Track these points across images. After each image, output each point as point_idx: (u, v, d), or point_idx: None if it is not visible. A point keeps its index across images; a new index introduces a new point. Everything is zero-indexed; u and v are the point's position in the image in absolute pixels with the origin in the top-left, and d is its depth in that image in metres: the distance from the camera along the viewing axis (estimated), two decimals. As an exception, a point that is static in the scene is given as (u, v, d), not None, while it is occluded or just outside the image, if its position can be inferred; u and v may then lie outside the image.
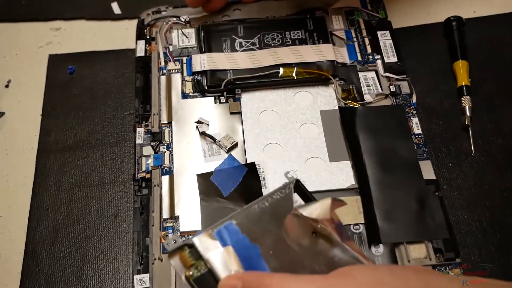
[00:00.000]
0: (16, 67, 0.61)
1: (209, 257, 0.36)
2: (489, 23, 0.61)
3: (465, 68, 0.56)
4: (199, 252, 0.37)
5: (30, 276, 0.48)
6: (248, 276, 0.36)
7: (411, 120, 0.54)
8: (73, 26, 0.63)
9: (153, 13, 0.62)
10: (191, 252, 0.37)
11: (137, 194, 0.50)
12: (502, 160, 0.52)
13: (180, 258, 0.37)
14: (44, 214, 0.51)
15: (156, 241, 0.48)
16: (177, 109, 0.55)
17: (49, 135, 0.56)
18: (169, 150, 0.52)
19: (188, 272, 0.37)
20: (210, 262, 0.36)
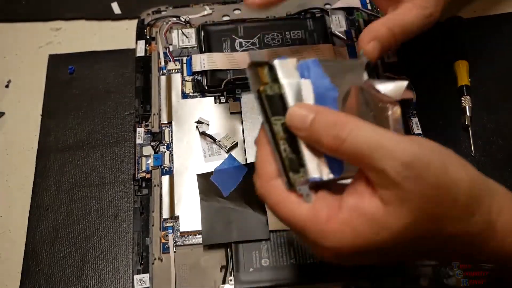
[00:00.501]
0: (16, 67, 0.61)
1: (285, 83, 0.35)
2: (489, 23, 0.61)
3: (465, 68, 0.56)
4: (277, 75, 0.36)
5: (30, 276, 0.48)
6: (323, 111, 0.35)
7: (411, 120, 0.54)
8: (73, 26, 0.63)
9: (153, 13, 0.62)
10: (269, 73, 0.36)
11: (137, 194, 0.50)
12: (502, 160, 0.52)
13: (259, 72, 0.36)
14: (44, 214, 0.51)
15: (156, 241, 0.48)
16: (177, 109, 0.55)
17: (49, 135, 0.56)
18: (169, 150, 0.52)
19: (262, 87, 0.36)
20: (285, 88, 0.35)
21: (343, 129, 0.33)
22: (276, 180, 0.35)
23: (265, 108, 0.36)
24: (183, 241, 0.48)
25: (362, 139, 0.33)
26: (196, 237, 0.48)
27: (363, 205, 0.33)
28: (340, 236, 0.33)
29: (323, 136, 0.34)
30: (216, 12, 0.62)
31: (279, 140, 0.35)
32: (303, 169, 0.35)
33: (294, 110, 0.35)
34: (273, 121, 0.35)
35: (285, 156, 0.35)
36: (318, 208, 0.34)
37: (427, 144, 0.34)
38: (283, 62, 0.36)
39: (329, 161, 0.35)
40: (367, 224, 0.33)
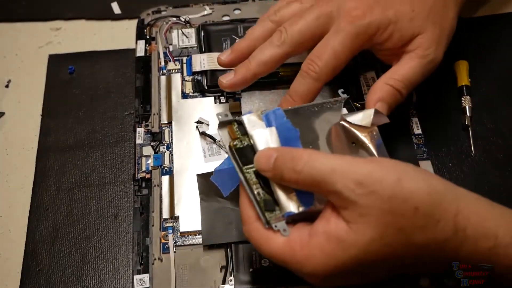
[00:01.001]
0: (16, 67, 0.61)
1: (254, 134, 0.40)
2: (489, 23, 0.61)
3: (465, 68, 0.56)
4: (246, 129, 0.40)
5: (30, 276, 0.48)
6: (283, 149, 0.39)
7: (411, 120, 0.54)
8: (73, 26, 0.63)
9: (153, 13, 0.62)
10: (239, 127, 0.41)
11: (137, 194, 0.50)
12: (502, 160, 0.52)
13: (228, 130, 0.41)
14: (44, 214, 0.51)
15: (156, 241, 0.48)
16: (177, 109, 0.55)
17: (49, 135, 0.56)
18: (169, 150, 0.52)
19: (232, 142, 0.41)
20: (254, 138, 0.40)
21: (299, 162, 0.37)
22: (256, 223, 0.39)
23: (237, 160, 0.40)
24: (183, 241, 0.48)
25: (316, 168, 0.36)
26: (196, 237, 0.48)
27: (330, 228, 0.36)
28: (314, 261, 0.36)
29: (284, 172, 0.37)
30: (216, 12, 0.62)
31: (252, 185, 0.39)
32: (278, 207, 0.39)
33: (259, 153, 0.39)
34: (245, 171, 0.40)
35: (259, 199, 0.39)
36: (292, 240, 0.37)
37: (382, 163, 0.37)
38: (250, 117, 0.41)
39: (299, 196, 0.38)
40: (334, 244, 0.35)
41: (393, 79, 0.46)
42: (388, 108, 0.46)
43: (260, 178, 0.39)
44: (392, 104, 0.46)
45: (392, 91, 0.46)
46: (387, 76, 0.47)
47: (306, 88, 0.46)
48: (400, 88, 0.46)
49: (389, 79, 0.46)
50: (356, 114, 0.44)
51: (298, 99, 0.46)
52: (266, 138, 0.40)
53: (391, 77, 0.46)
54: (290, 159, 0.37)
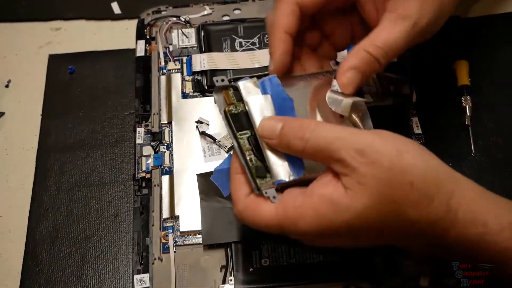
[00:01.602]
0: (16, 67, 0.61)
1: (249, 100, 0.40)
2: (489, 23, 0.61)
3: (465, 68, 0.56)
4: (241, 95, 0.40)
5: (30, 276, 0.48)
6: (289, 119, 0.39)
7: (411, 120, 0.54)
8: (73, 26, 0.63)
9: (153, 13, 0.62)
10: (234, 93, 0.41)
11: (137, 194, 0.50)
12: (502, 160, 0.52)
13: (224, 95, 0.41)
14: (44, 214, 0.51)
15: (156, 241, 0.48)
16: (177, 109, 0.55)
17: (49, 135, 0.56)
18: (169, 150, 0.52)
19: (227, 108, 0.41)
20: (248, 104, 0.40)
21: (306, 130, 0.37)
22: (247, 199, 0.39)
23: (231, 125, 0.40)
24: (183, 241, 0.48)
25: (322, 136, 0.37)
26: (196, 237, 0.48)
27: (327, 191, 0.37)
28: (306, 219, 0.36)
29: (290, 140, 0.38)
30: (216, 12, 0.62)
31: (245, 151, 0.40)
32: (269, 174, 0.39)
33: (264, 121, 0.39)
34: (239, 136, 0.40)
35: (251, 165, 0.40)
36: (285, 201, 0.38)
37: (384, 135, 0.37)
38: (246, 83, 0.41)
39: (290, 165, 0.39)
40: (329, 207, 0.36)
41: (374, 46, 0.41)
42: (362, 78, 0.42)
43: (253, 145, 0.40)
44: (368, 73, 0.42)
45: (369, 59, 0.41)
46: (367, 41, 0.42)
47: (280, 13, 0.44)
48: (379, 56, 0.41)
49: (369, 45, 0.42)
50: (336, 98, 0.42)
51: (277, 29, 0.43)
52: (261, 105, 0.40)
53: (372, 42, 0.42)
54: (298, 128, 0.37)
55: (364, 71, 0.42)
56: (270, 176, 0.39)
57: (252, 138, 0.40)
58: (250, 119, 0.40)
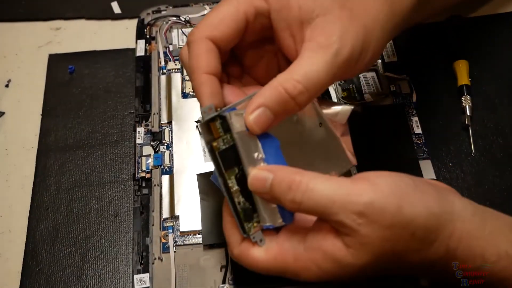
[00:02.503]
0: (16, 67, 0.61)
1: (237, 137, 0.37)
2: (489, 23, 0.61)
3: (465, 68, 0.56)
4: (229, 126, 0.37)
5: (30, 276, 0.48)
6: (279, 170, 0.37)
7: (411, 120, 0.54)
8: (73, 26, 0.63)
9: (153, 13, 0.62)
10: (221, 124, 0.37)
11: (137, 193, 0.50)
12: (502, 160, 0.52)
13: (211, 127, 0.37)
14: (44, 214, 0.51)
15: (156, 240, 0.48)
16: (177, 109, 0.55)
17: (49, 135, 0.56)
18: (169, 149, 0.52)
19: (215, 143, 0.37)
20: (236, 140, 0.37)
21: (297, 192, 0.35)
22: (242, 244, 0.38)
23: (218, 163, 0.37)
24: (183, 241, 0.48)
25: (315, 200, 0.35)
26: (196, 237, 0.48)
27: (327, 245, 0.36)
28: (309, 273, 0.36)
29: (282, 201, 0.36)
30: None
31: (233, 193, 0.38)
32: (256, 214, 0.38)
33: (253, 176, 0.37)
34: (227, 176, 0.37)
35: (240, 209, 0.38)
36: (285, 251, 0.37)
37: (382, 184, 0.36)
38: (232, 114, 0.37)
39: (280, 210, 0.37)
40: (330, 263, 0.36)
41: (292, 81, 0.36)
42: (274, 119, 0.36)
43: (241, 185, 0.37)
44: (281, 114, 0.37)
45: (284, 98, 0.36)
46: (285, 75, 0.37)
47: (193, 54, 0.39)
48: (297, 94, 0.36)
49: (286, 80, 0.36)
50: (333, 107, 0.42)
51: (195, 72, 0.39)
52: (249, 142, 0.37)
53: (290, 76, 0.36)
54: (287, 189, 0.36)
55: (276, 112, 0.36)
56: (258, 218, 0.38)
57: (240, 177, 0.37)
58: (239, 155, 0.37)
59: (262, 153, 0.37)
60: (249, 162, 0.37)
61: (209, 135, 0.37)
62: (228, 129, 0.37)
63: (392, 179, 0.36)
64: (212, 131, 0.37)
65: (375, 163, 0.49)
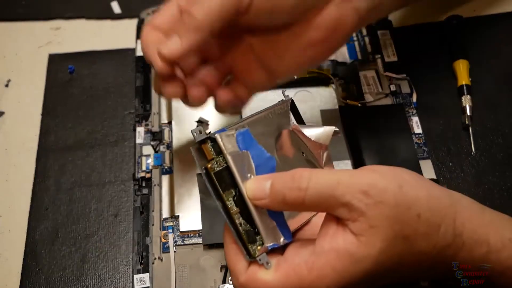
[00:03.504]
0: (16, 67, 0.61)
1: (229, 158, 0.36)
2: (489, 23, 0.61)
3: (465, 67, 0.56)
4: (221, 148, 0.36)
5: (30, 276, 0.48)
6: (276, 174, 0.37)
7: (411, 120, 0.54)
8: (73, 26, 0.63)
9: (153, 12, 0.61)
10: (213, 146, 0.37)
11: (137, 193, 0.50)
12: (502, 159, 0.52)
13: (204, 149, 0.37)
14: (44, 214, 0.51)
15: (156, 240, 0.48)
16: (177, 109, 0.55)
17: (49, 135, 0.56)
18: (169, 149, 0.52)
19: (209, 164, 0.37)
20: (230, 162, 0.36)
21: (302, 179, 0.35)
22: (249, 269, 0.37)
23: (215, 186, 0.37)
24: (183, 241, 0.48)
25: (322, 183, 0.35)
26: (196, 237, 0.48)
27: (338, 244, 0.35)
28: (326, 280, 0.35)
29: (286, 193, 0.35)
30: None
31: (233, 215, 0.37)
32: (259, 237, 0.37)
33: (250, 184, 0.36)
34: (225, 197, 0.37)
35: (242, 230, 0.37)
36: (296, 265, 0.36)
37: (381, 169, 0.36)
38: (223, 135, 0.37)
39: (280, 228, 0.37)
40: (345, 260, 0.34)
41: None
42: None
43: (239, 206, 0.37)
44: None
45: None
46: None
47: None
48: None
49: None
50: (313, 129, 0.42)
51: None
52: (242, 162, 0.37)
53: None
54: (290, 180, 0.35)
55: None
56: (261, 240, 0.36)
57: (238, 198, 0.37)
58: (233, 177, 0.36)
59: (254, 174, 0.37)
60: (244, 181, 0.36)
61: (202, 158, 0.37)
62: (219, 152, 0.37)
63: (390, 167, 0.37)
64: (205, 153, 0.37)
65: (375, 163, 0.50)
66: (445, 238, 0.36)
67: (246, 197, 0.36)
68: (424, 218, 0.35)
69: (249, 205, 0.36)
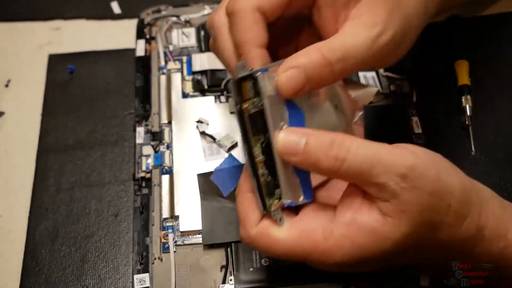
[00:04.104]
0: (16, 67, 0.61)
1: (266, 101, 0.34)
2: (489, 23, 0.61)
3: (465, 68, 0.56)
4: (261, 89, 0.34)
5: (30, 276, 0.48)
6: (313, 133, 0.34)
7: (411, 120, 0.54)
8: (73, 26, 0.63)
9: (153, 13, 0.62)
10: (253, 85, 0.35)
11: (137, 193, 0.50)
12: (502, 160, 0.52)
13: (243, 88, 0.35)
14: (44, 214, 0.51)
15: (156, 240, 0.48)
16: (177, 109, 0.55)
17: (49, 135, 0.55)
18: (169, 149, 0.52)
19: (245, 105, 0.35)
20: (266, 104, 0.34)
21: (341, 148, 0.33)
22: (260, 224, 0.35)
23: (246, 128, 0.35)
24: (183, 241, 0.48)
25: (361, 156, 0.33)
26: (196, 237, 0.48)
27: (362, 218, 0.34)
28: (342, 251, 0.34)
29: (321, 158, 0.33)
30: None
31: (258, 163, 0.35)
32: (277, 191, 0.35)
33: (284, 135, 0.34)
34: (253, 142, 0.35)
35: (263, 181, 0.35)
36: (312, 230, 0.34)
37: (420, 153, 0.35)
38: (266, 75, 0.34)
39: (302, 186, 0.36)
40: (368, 236, 0.33)
41: (329, 47, 0.35)
42: (306, 83, 0.35)
43: (266, 155, 0.35)
44: (315, 79, 0.35)
45: (321, 62, 0.35)
46: (323, 42, 0.36)
47: None
48: (334, 60, 0.35)
49: (323, 46, 0.35)
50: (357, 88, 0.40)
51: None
52: (278, 110, 0.35)
53: (328, 44, 0.36)
54: (329, 144, 0.33)
55: (310, 75, 0.35)
56: (279, 194, 0.35)
57: (266, 147, 0.35)
58: (266, 122, 0.34)
59: (287, 124, 0.35)
60: (276, 129, 0.35)
61: (239, 95, 0.35)
62: (258, 93, 0.34)
63: (427, 151, 0.36)
64: (243, 92, 0.35)
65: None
66: (468, 231, 0.35)
67: (274, 148, 0.34)
68: (454, 209, 0.34)
69: (276, 156, 0.34)
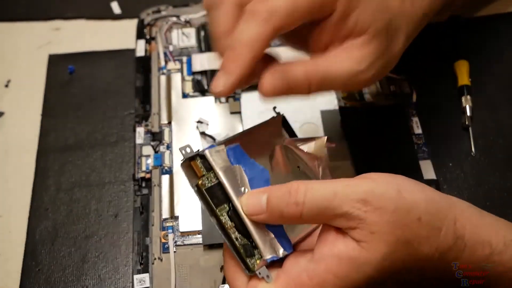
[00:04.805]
0: (16, 67, 0.61)
1: (220, 172, 0.36)
2: (489, 23, 0.61)
3: (465, 68, 0.56)
4: (211, 164, 0.36)
5: (30, 276, 0.48)
6: (271, 188, 0.36)
7: (411, 120, 0.54)
8: (73, 26, 0.63)
9: (153, 13, 0.62)
10: (202, 162, 0.37)
11: (137, 194, 0.50)
12: (502, 160, 0.52)
13: (193, 166, 0.37)
14: (44, 214, 0.51)
15: (156, 241, 0.48)
16: (177, 109, 0.55)
17: (49, 135, 0.55)
18: (169, 150, 0.52)
19: (200, 181, 0.37)
20: (221, 177, 0.36)
21: (299, 193, 0.35)
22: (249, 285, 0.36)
23: (208, 202, 0.37)
24: (183, 241, 0.48)
25: (318, 195, 0.34)
26: (196, 237, 0.48)
27: (339, 249, 0.34)
28: (327, 287, 0.34)
29: (283, 208, 0.35)
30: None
31: (228, 230, 0.36)
32: (257, 251, 0.36)
33: (246, 199, 0.36)
34: (219, 213, 0.36)
35: (238, 245, 0.36)
36: (297, 275, 0.35)
37: (379, 178, 0.36)
38: (212, 151, 0.37)
39: (278, 239, 0.36)
40: (347, 266, 0.34)
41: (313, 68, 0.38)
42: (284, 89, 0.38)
43: (234, 220, 0.36)
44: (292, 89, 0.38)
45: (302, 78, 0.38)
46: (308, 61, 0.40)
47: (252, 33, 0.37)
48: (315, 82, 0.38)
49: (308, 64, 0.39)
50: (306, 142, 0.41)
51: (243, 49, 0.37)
52: (234, 176, 0.37)
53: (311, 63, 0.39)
54: (287, 194, 0.35)
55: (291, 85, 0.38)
56: (260, 253, 0.36)
57: (232, 213, 0.36)
58: (226, 192, 0.36)
59: (248, 187, 0.37)
60: (238, 195, 0.36)
61: (193, 175, 0.37)
62: (210, 168, 0.36)
63: (388, 174, 0.36)
64: (195, 170, 0.37)
65: (375, 164, 0.50)
66: (446, 241, 0.35)
67: (241, 212, 0.36)
68: (425, 221, 0.35)
69: (245, 219, 0.36)
